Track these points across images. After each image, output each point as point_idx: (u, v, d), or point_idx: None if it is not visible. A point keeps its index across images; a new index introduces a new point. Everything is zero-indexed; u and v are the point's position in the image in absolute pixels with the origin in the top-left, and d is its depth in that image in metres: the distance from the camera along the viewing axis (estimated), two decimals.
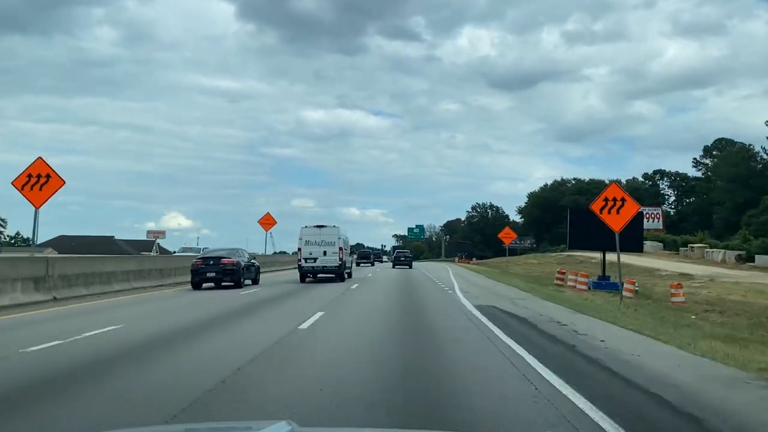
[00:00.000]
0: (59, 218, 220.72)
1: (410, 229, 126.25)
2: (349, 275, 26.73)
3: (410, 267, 47.12)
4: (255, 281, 22.42)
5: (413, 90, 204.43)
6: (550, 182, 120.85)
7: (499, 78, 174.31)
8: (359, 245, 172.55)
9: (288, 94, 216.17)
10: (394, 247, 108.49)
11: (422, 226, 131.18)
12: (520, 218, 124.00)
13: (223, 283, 20.26)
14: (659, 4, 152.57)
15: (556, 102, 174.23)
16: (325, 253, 24.06)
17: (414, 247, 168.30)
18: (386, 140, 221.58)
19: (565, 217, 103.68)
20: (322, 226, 24.99)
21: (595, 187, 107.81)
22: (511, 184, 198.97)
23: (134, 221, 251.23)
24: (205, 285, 20.15)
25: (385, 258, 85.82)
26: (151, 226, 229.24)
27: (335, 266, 24.18)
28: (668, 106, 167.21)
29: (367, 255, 61.53)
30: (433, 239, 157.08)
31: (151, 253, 68.20)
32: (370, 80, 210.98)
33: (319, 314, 11.62)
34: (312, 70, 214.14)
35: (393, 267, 48.77)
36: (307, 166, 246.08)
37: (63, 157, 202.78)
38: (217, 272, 20.17)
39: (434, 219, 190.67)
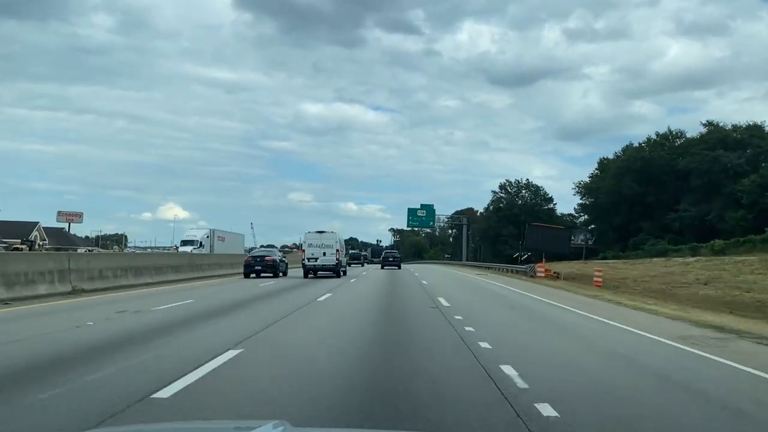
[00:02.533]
0: (55, 207, 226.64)
1: (411, 212, 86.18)
2: (344, 273, 32.20)
3: (399, 267, 49.80)
4: (285, 273, 31.14)
5: (412, 85, 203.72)
6: (639, 140, 78.43)
7: (499, 74, 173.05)
8: (352, 239, 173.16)
9: (286, 86, 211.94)
10: (372, 249, 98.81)
11: (431, 206, 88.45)
12: (582, 200, 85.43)
13: (262, 275, 28.70)
14: (662, 2, 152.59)
15: (555, 100, 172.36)
16: (324, 254, 29.91)
17: (413, 244, 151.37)
18: (385, 135, 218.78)
19: (692, 190, 61.03)
20: (323, 232, 31.23)
21: (756, 134, 63.83)
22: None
23: (131, 212, 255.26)
24: (251, 275, 28.87)
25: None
26: (148, 216, 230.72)
27: (333, 265, 29.77)
28: (669, 106, 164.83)
29: (357, 256, 66.52)
30: (436, 233, 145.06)
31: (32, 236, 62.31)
32: (369, 74, 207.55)
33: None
34: (310, 62, 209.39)
35: (382, 267, 49.98)
36: (305, 159, 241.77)
37: (59, 145, 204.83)
38: (262, 266, 29.26)
39: None
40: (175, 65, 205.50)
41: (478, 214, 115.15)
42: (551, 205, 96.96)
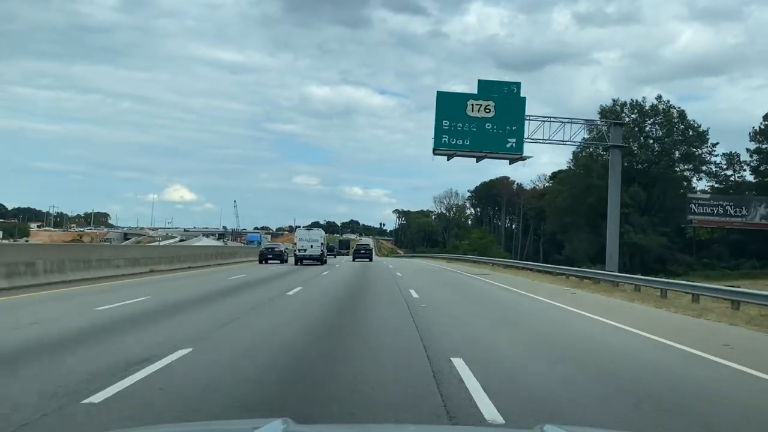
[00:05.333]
0: (60, 188, 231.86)
1: (446, 103, 33.13)
2: (326, 261, 39.32)
3: (370, 260, 50.29)
4: (286, 261, 39.15)
5: (419, 68, 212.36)
6: None
7: (508, 58, 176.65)
8: (353, 222, 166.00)
9: (292, 68, 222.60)
10: (340, 242, 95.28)
11: (513, 87, 33.06)
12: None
13: (270, 261, 36.98)
14: None
15: (564, 86, 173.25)
16: (311, 246, 37.86)
17: (421, 227, 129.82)
18: (391, 120, 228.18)
19: None
20: (311, 229, 41.90)
21: None
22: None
23: (137, 193, 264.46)
24: (263, 261, 37.20)
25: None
26: (154, 197, 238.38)
27: (318, 255, 37.78)
28: (678, 93, 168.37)
29: (330, 249, 67.17)
30: (451, 214, 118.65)
31: None
32: (375, 56, 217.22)
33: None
34: (315, 43, 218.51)
35: (353, 260, 50.08)
36: (310, 143, 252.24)
37: (65, 125, 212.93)
38: (272, 255, 39.08)
39: (432, 201, 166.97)
40: (180, 45, 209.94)
41: (514, 186, 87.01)
42: (707, 148, 56.00)
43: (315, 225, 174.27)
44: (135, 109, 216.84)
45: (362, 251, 52.32)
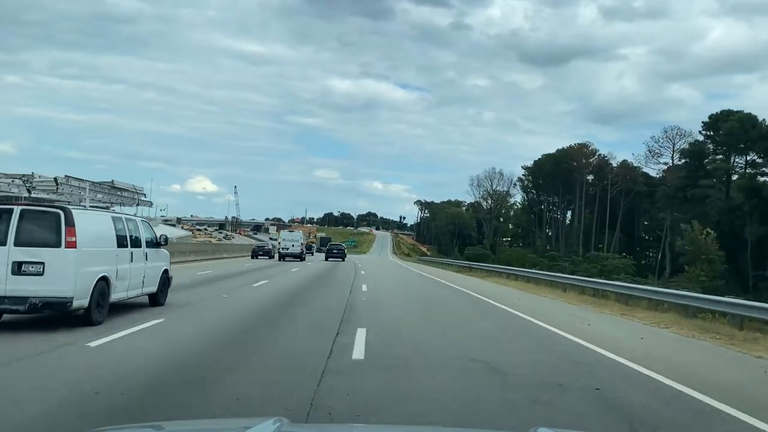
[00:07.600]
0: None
1: None
2: (305, 258, 47.76)
3: (343, 259, 51.98)
4: (272, 256, 49.48)
5: (441, 62, 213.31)
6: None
7: (531, 53, 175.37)
8: (371, 215, 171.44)
9: (313, 60, 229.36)
10: (321, 239, 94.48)
11: None
12: None
13: (260, 257, 47.57)
14: None
15: (589, 82, 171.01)
16: (293, 245, 47.51)
17: (450, 219, 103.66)
18: (412, 114, 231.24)
19: None
20: (293, 232, 53.08)
21: None
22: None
23: (161, 183, 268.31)
24: (254, 257, 47.66)
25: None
26: (176, 188, 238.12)
27: (298, 252, 47.04)
28: (707, 91, 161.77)
29: (309, 247, 72.29)
30: (486, 204, 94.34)
31: None
32: (397, 49, 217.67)
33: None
34: (335, 35, 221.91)
35: (326, 259, 51.47)
36: (331, 136, 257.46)
37: (90, 114, 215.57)
38: (263, 252, 49.36)
39: (453, 196, 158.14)
40: (203, 36, 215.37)
41: (592, 159, 67.48)
42: None
43: (327, 216, 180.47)
44: (158, 100, 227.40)
45: (335, 251, 55.28)
